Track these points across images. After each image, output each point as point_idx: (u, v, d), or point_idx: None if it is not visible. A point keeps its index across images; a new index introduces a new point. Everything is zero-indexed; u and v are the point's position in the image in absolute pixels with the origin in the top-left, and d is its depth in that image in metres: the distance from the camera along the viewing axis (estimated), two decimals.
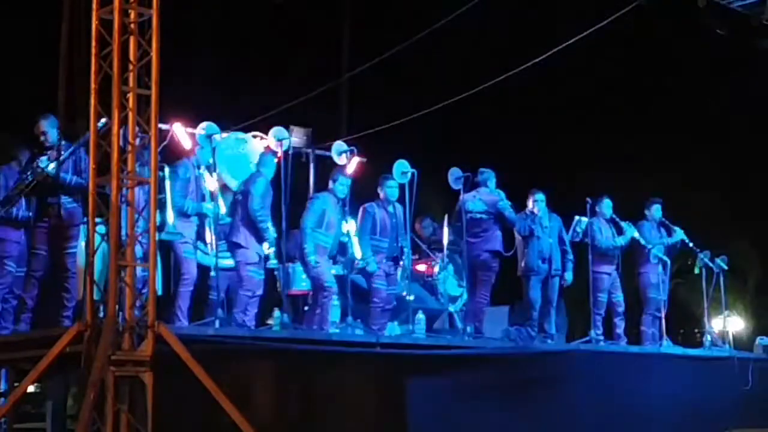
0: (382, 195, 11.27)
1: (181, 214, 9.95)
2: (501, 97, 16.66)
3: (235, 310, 10.12)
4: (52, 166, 9.44)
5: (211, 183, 10.22)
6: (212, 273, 10.16)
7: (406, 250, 11.38)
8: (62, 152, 9.46)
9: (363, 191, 11.52)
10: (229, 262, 10.38)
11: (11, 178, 9.77)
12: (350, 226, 10.98)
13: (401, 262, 11.41)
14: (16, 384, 9.24)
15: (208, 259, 10.27)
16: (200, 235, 10.19)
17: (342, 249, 11.03)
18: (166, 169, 9.91)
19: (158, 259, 8.77)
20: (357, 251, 10.98)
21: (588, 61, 18.61)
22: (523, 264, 12.19)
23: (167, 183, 9.84)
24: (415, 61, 17.86)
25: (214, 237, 10.18)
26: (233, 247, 10.30)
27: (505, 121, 21.23)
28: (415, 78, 19.56)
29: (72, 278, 9.62)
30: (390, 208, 11.26)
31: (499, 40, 18.96)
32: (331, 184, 10.89)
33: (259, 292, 10.25)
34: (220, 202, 10.36)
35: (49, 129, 9.62)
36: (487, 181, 12.14)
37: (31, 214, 9.70)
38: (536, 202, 12.29)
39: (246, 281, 10.16)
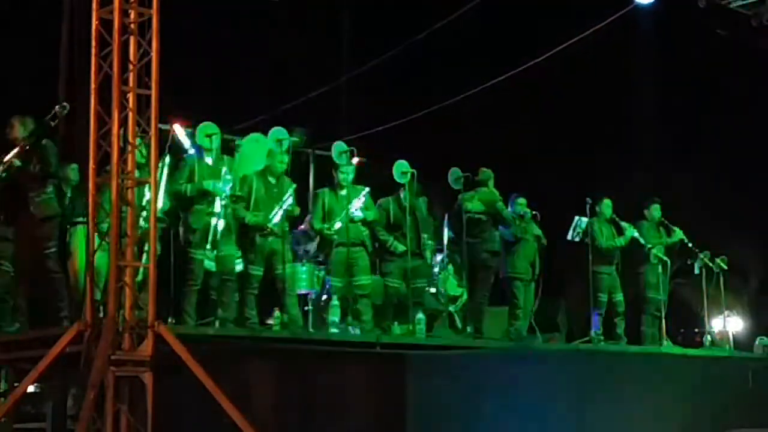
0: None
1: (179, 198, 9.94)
2: (501, 97, 16.63)
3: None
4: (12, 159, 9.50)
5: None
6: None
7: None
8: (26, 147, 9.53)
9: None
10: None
11: None
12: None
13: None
14: (16, 384, 9.23)
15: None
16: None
17: None
18: (167, 158, 9.91)
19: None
20: None
21: (588, 61, 18.57)
22: (511, 267, 12.22)
23: (165, 171, 9.82)
24: (416, 61, 17.84)
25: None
26: None
27: (505, 121, 21.18)
28: (415, 78, 19.54)
29: (58, 278, 9.65)
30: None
31: (499, 39, 18.93)
32: (333, 174, 10.98)
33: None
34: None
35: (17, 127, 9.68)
36: (487, 181, 12.16)
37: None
38: (518, 206, 12.36)
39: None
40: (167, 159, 9.84)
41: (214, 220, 9.91)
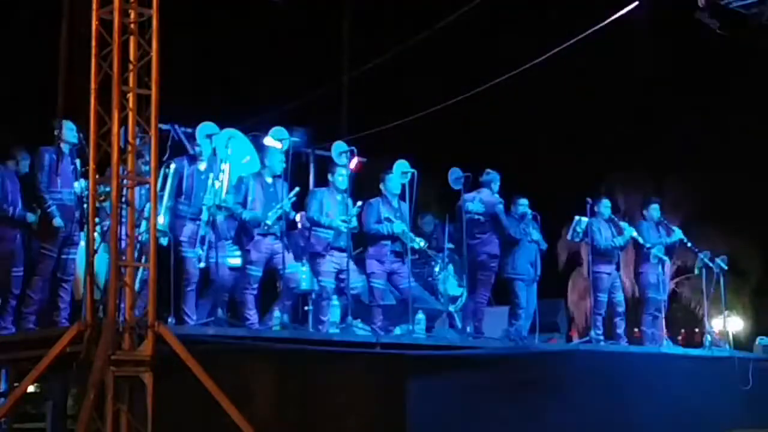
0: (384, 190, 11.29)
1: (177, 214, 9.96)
2: (501, 97, 16.66)
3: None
4: None
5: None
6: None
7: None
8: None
9: (363, 190, 11.50)
10: (235, 261, 10.42)
11: (8, 178, 9.80)
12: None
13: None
14: (16, 384, 9.24)
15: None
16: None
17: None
18: (172, 166, 9.91)
19: None
20: None
21: (588, 61, 18.59)
22: (512, 267, 12.22)
23: (169, 181, 9.82)
24: (416, 61, 17.86)
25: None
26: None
27: (506, 121, 21.23)
28: (416, 78, 19.58)
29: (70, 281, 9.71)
30: (395, 203, 11.25)
31: (499, 39, 18.97)
32: (330, 177, 10.94)
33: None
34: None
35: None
36: (491, 183, 12.15)
37: (28, 213, 9.72)
38: (520, 206, 12.36)
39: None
40: (173, 167, 9.83)
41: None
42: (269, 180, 10.47)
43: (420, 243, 11.23)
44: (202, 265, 9.98)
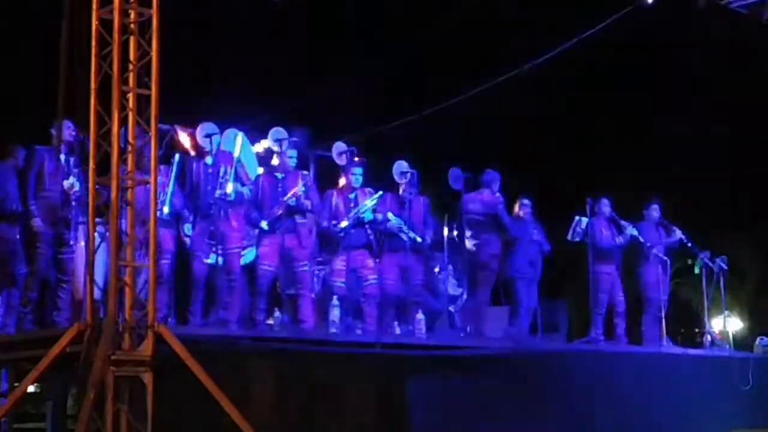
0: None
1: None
2: (501, 98, 16.65)
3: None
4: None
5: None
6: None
7: None
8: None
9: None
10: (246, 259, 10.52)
11: (7, 175, 9.79)
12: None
13: None
14: (16, 384, 9.23)
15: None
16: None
17: None
18: (177, 156, 9.97)
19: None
20: None
21: (588, 62, 18.58)
22: (513, 267, 12.24)
23: (174, 169, 9.88)
24: (416, 61, 17.86)
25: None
26: None
27: (506, 122, 21.20)
28: (416, 78, 19.56)
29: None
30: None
31: (499, 39, 18.94)
32: (342, 175, 10.99)
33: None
34: None
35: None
36: (492, 183, 12.15)
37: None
38: (524, 207, 12.37)
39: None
40: (176, 158, 9.91)
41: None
42: (280, 176, 10.50)
43: (411, 233, 11.20)
44: (211, 260, 10.03)
